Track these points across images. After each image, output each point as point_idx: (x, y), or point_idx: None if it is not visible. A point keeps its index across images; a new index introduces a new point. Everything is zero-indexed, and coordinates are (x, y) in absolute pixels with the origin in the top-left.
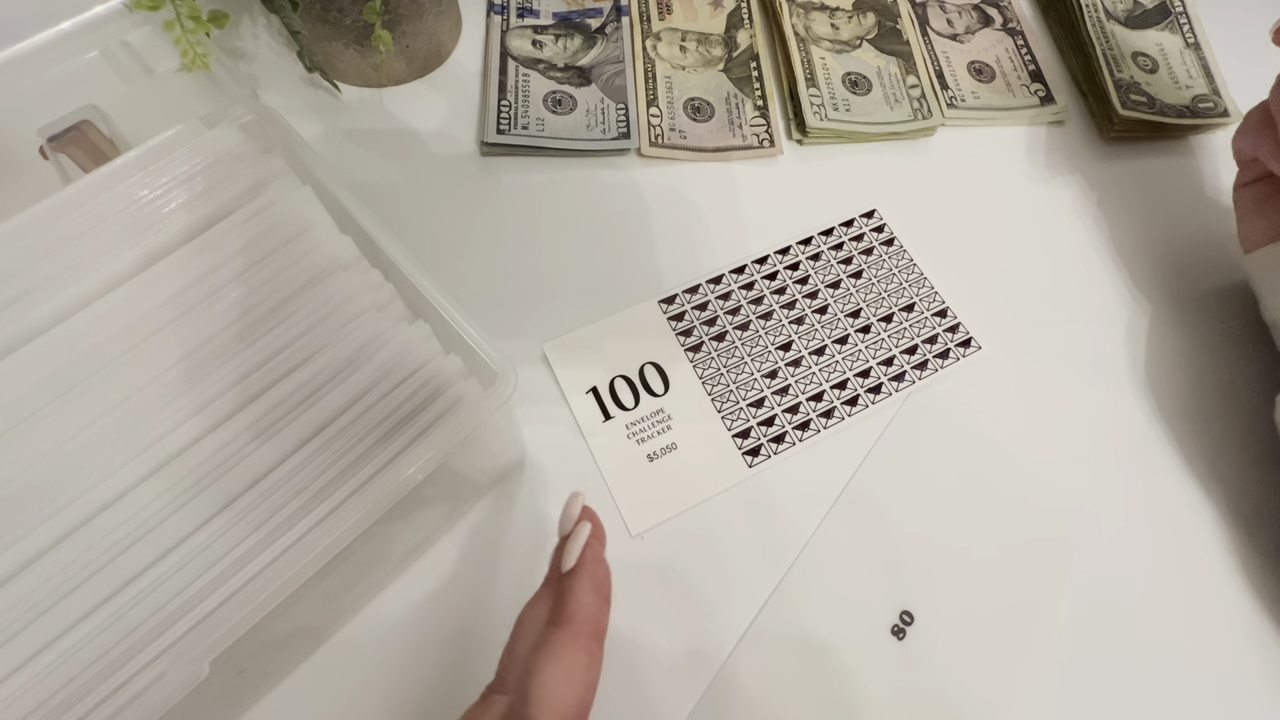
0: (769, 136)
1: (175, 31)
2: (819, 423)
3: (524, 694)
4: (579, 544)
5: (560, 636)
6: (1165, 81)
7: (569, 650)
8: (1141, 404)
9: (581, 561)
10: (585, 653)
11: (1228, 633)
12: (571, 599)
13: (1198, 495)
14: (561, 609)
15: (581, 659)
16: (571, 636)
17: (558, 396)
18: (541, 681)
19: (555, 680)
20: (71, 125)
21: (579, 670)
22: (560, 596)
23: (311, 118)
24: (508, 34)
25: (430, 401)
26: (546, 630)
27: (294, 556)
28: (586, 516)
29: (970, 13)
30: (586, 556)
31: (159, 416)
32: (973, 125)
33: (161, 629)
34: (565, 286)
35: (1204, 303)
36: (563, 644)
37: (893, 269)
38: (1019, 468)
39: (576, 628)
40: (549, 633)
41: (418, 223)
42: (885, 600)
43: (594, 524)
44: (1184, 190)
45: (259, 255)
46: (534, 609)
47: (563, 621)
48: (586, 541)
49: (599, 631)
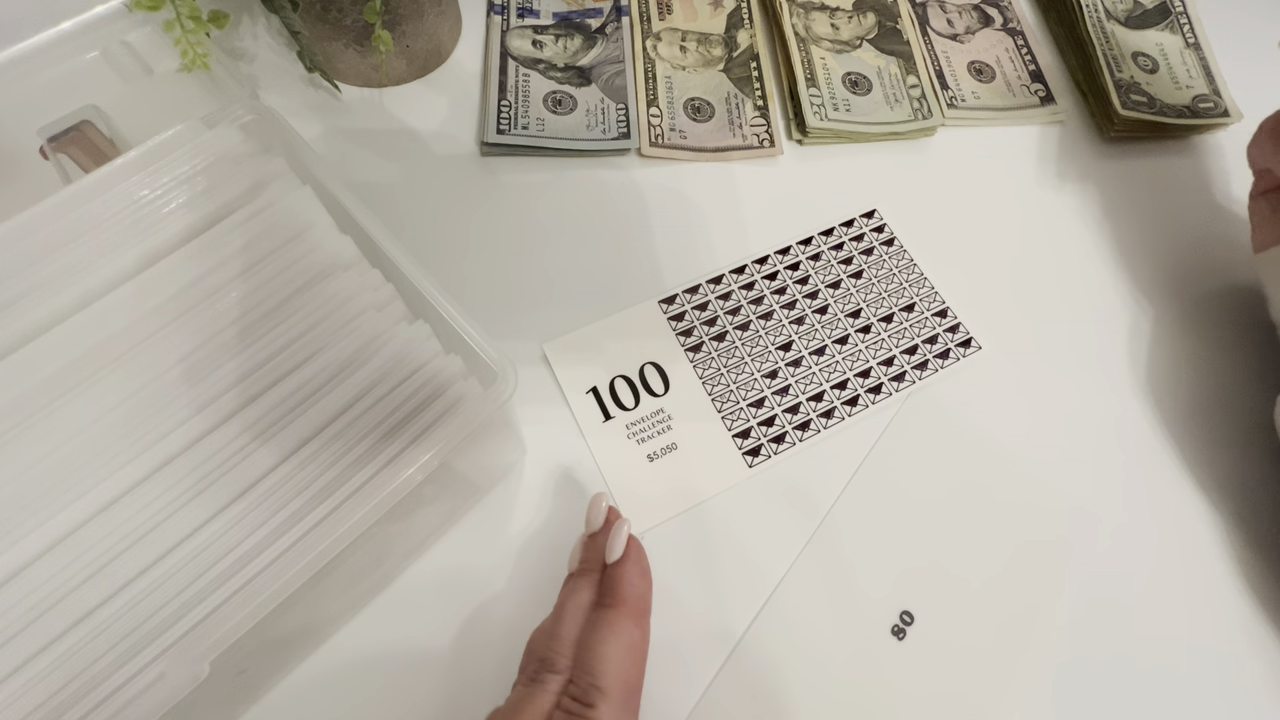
0: (769, 136)
1: (175, 31)
2: (819, 423)
3: (587, 668)
4: (623, 536)
5: (616, 617)
6: (1165, 81)
7: (626, 628)
8: (1141, 403)
9: (627, 551)
10: (640, 630)
11: (1227, 633)
12: (624, 584)
13: (1198, 494)
14: (615, 593)
15: (637, 635)
16: (627, 617)
17: (558, 396)
18: (606, 655)
19: (620, 655)
20: (72, 125)
21: (637, 645)
22: (611, 582)
23: (311, 118)
24: (508, 34)
25: (430, 401)
26: (601, 612)
27: (294, 556)
28: (612, 516)
29: (970, 13)
30: (631, 546)
31: (159, 416)
32: (973, 125)
33: (161, 629)
34: (565, 286)
35: (1204, 302)
36: (620, 623)
37: (893, 269)
38: (1019, 468)
39: (630, 609)
40: (605, 614)
41: (418, 223)
42: (885, 600)
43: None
44: (1184, 190)
45: (259, 255)
46: (576, 597)
47: (617, 604)
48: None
49: (648, 609)
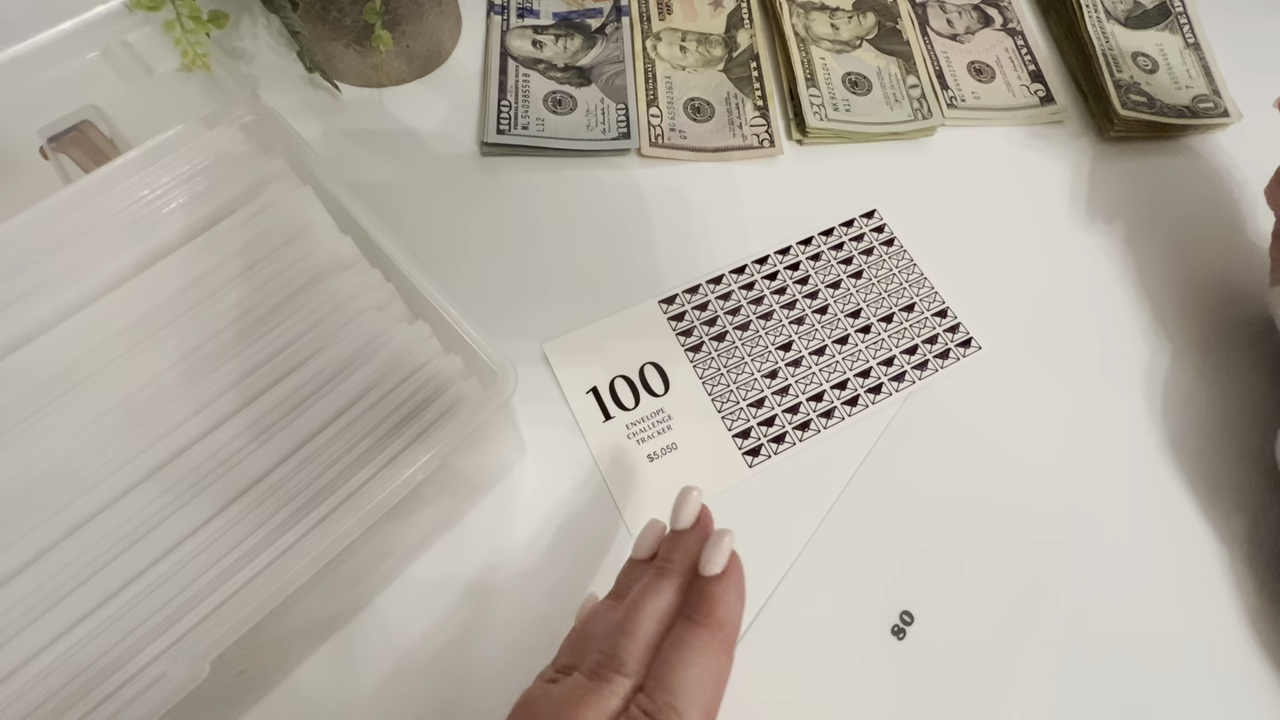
0: (769, 136)
1: (175, 31)
2: (819, 423)
3: (668, 686)
4: (725, 549)
5: (708, 639)
6: (1165, 81)
7: (716, 654)
8: (1140, 404)
9: (729, 568)
10: (729, 658)
11: (1225, 635)
12: (721, 606)
13: (1193, 497)
14: (710, 613)
15: (727, 664)
16: (721, 642)
17: (558, 396)
18: (692, 679)
19: (707, 681)
20: (72, 125)
21: (724, 675)
22: (706, 600)
23: (311, 118)
24: (508, 34)
25: (430, 401)
26: (690, 628)
27: (294, 556)
28: (704, 516)
29: (970, 13)
30: (733, 562)
31: (159, 416)
32: (973, 125)
33: (161, 629)
34: (565, 286)
35: (1204, 303)
36: (712, 647)
37: (893, 269)
38: (1018, 468)
39: (726, 635)
40: (695, 631)
41: (418, 223)
42: (885, 600)
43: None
44: (1184, 190)
45: (259, 255)
46: (657, 599)
47: (712, 626)
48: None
49: (737, 638)
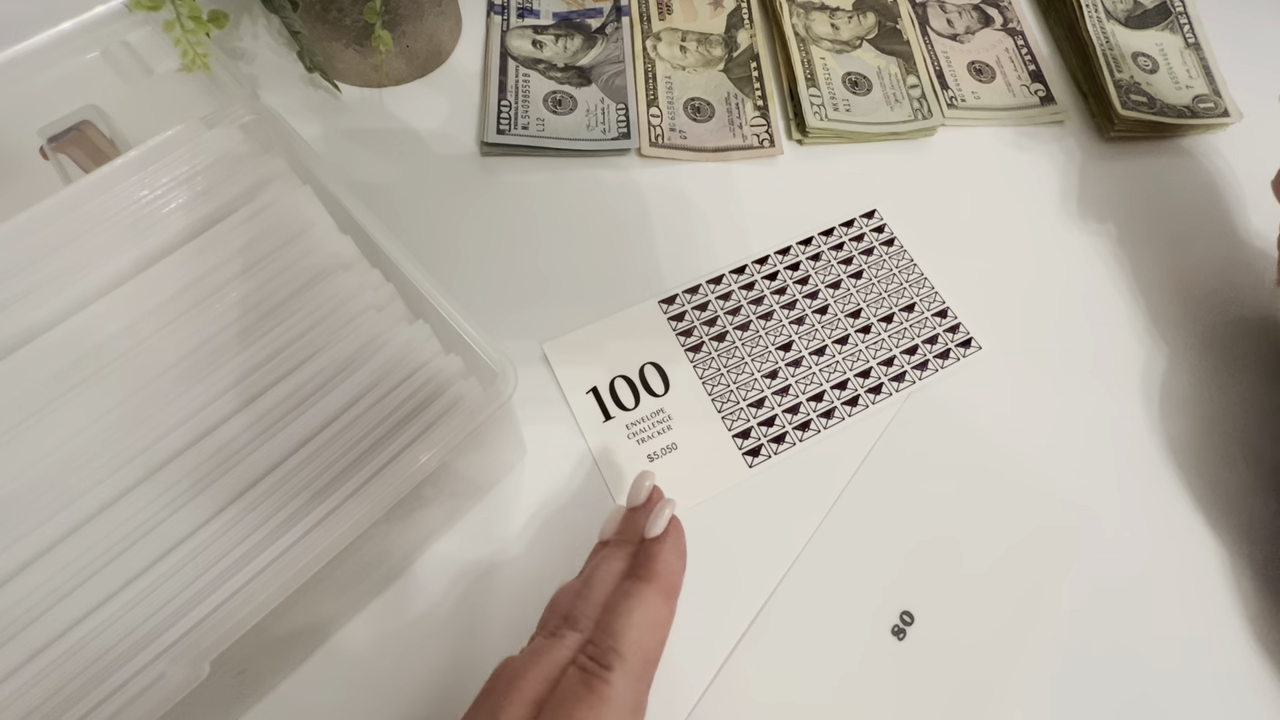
0: (769, 136)
1: (175, 31)
2: (819, 423)
3: (610, 631)
4: (667, 514)
5: (647, 590)
6: (1165, 81)
7: (655, 602)
8: (1140, 403)
9: (668, 529)
10: (667, 607)
11: (1226, 634)
12: (659, 560)
13: (1193, 496)
14: (649, 567)
15: (664, 611)
16: (658, 591)
17: (558, 396)
18: (631, 623)
19: (644, 625)
20: (72, 125)
21: (662, 621)
22: (646, 556)
23: (311, 118)
24: (508, 34)
25: (430, 401)
26: (631, 583)
27: (294, 556)
28: (655, 495)
29: (970, 13)
30: (672, 525)
31: (159, 416)
32: (973, 125)
33: (161, 629)
34: (565, 286)
35: (1203, 303)
36: (650, 596)
37: (893, 269)
38: (1019, 468)
39: (662, 584)
40: (635, 585)
41: (418, 223)
42: (885, 600)
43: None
44: (1184, 190)
45: (259, 255)
46: (608, 564)
47: (650, 578)
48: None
49: (677, 590)
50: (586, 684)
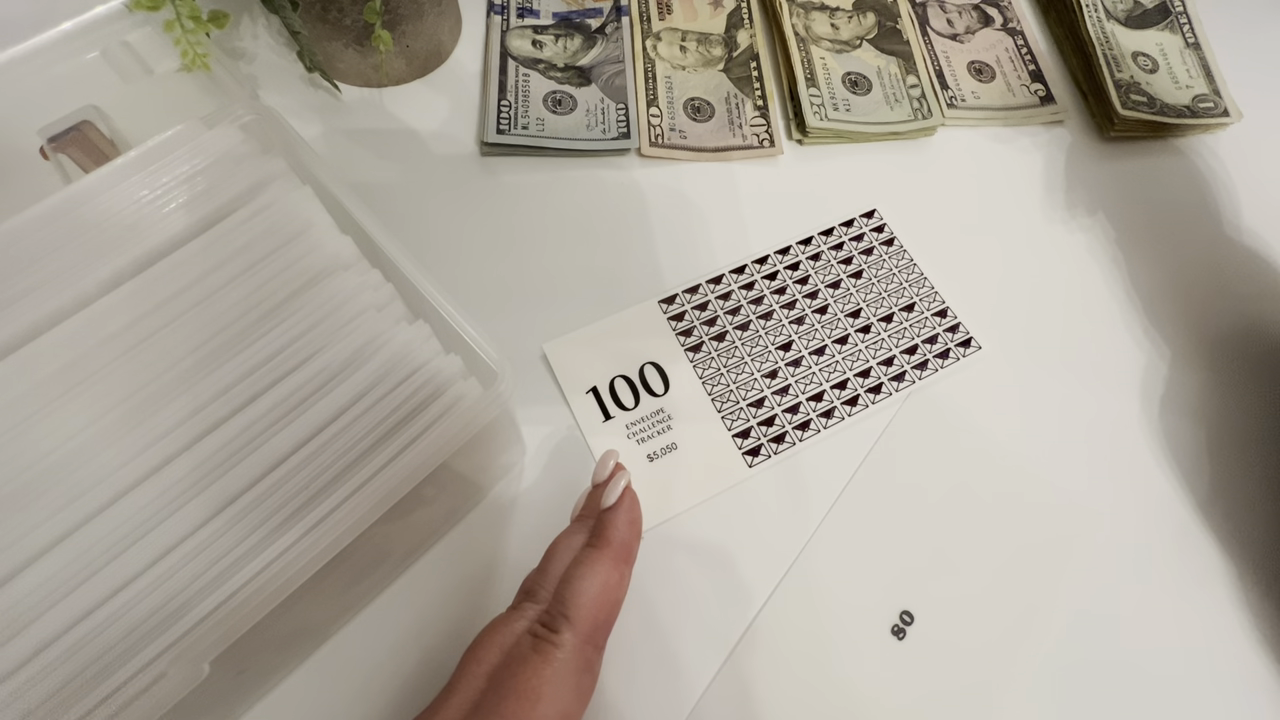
0: (769, 136)
1: (175, 31)
2: (819, 423)
3: (560, 599)
4: (620, 485)
5: (598, 556)
6: (1165, 81)
7: (605, 567)
8: (1140, 404)
9: (621, 499)
10: (618, 572)
11: (1226, 634)
12: (611, 528)
13: (1193, 496)
14: (601, 534)
15: (614, 575)
16: (608, 557)
17: (558, 396)
18: (581, 589)
19: (593, 589)
20: (72, 125)
21: (613, 584)
22: (600, 526)
23: (311, 118)
24: (508, 34)
25: (430, 401)
26: (586, 551)
27: (294, 556)
28: (618, 468)
29: (970, 13)
30: (625, 495)
31: (159, 416)
32: (973, 125)
33: (161, 629)
34: (565, 286)
35: (1203, 304)
36: (600, 562)
37: (893, 269)
38: (1018, 468)
39: (614, 551)
40: (588, 553)
41: (418, 223)
42: (885, 600)
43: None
44: (1184, 190)
45: (259, 255)
46: (568, 539)
47: (601, 545)
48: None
49: (630, 557)
50: (535, 648)
